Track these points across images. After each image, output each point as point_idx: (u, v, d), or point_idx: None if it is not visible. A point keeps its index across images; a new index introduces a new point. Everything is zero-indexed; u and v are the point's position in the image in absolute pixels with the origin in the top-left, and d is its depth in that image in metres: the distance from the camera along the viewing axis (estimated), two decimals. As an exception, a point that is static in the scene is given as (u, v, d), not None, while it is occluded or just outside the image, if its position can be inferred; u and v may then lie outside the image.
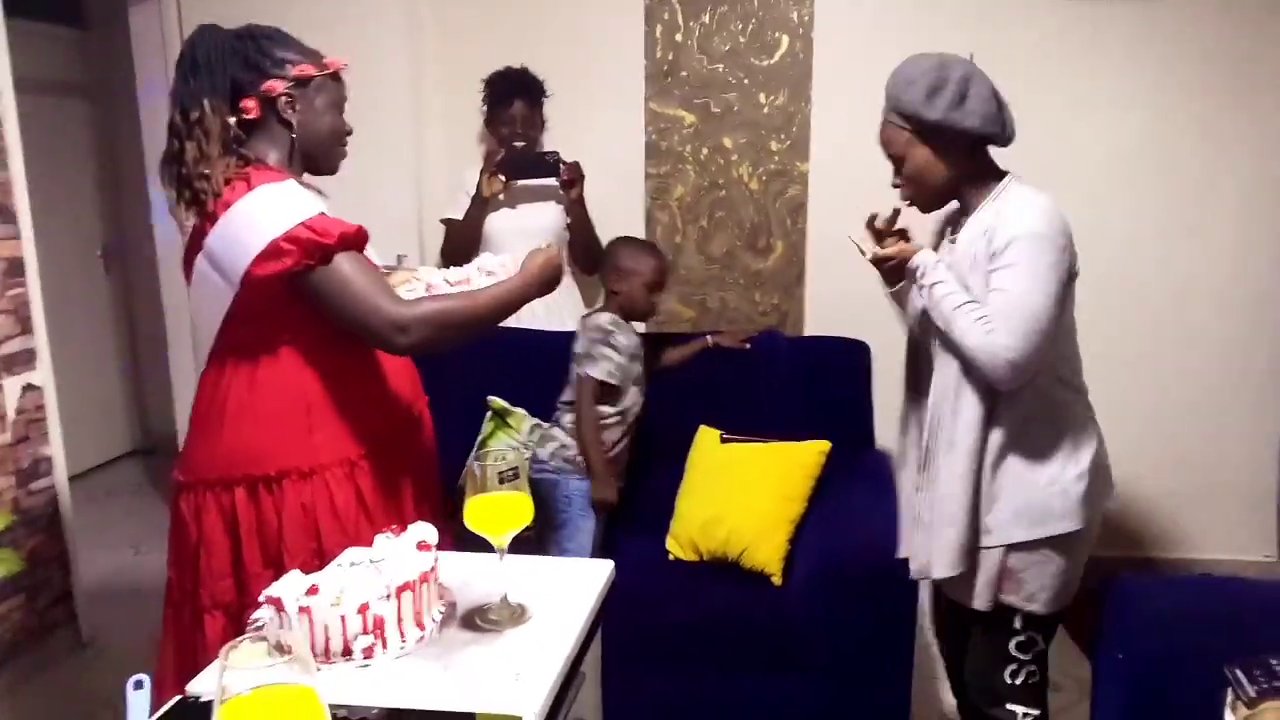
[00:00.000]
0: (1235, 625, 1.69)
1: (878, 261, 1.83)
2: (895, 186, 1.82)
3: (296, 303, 1.59)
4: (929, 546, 1.80)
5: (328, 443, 1.64)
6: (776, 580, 2.29)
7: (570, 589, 1.44)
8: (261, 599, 1.27)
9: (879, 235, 1.89)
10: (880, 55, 3.09)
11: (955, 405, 1.74)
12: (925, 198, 1.80)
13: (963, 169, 1.76)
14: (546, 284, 1.73)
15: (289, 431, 1.62)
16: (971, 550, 1.77)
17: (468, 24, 3.32)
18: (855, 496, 2.36)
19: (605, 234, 2.99)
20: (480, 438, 2.52)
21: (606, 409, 2.49)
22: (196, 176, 1.57)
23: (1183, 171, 3.15)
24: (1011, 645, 1.84)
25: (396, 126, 3.23)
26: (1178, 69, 3.10)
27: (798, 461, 2.40)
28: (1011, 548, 1.76)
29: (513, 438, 2.49)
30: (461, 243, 2.87)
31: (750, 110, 3.24)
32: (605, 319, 2.52)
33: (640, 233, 3.34)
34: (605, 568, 1.52)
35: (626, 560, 2.40)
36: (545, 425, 2.54)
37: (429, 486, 1.85)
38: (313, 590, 1.26)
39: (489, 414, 2.55)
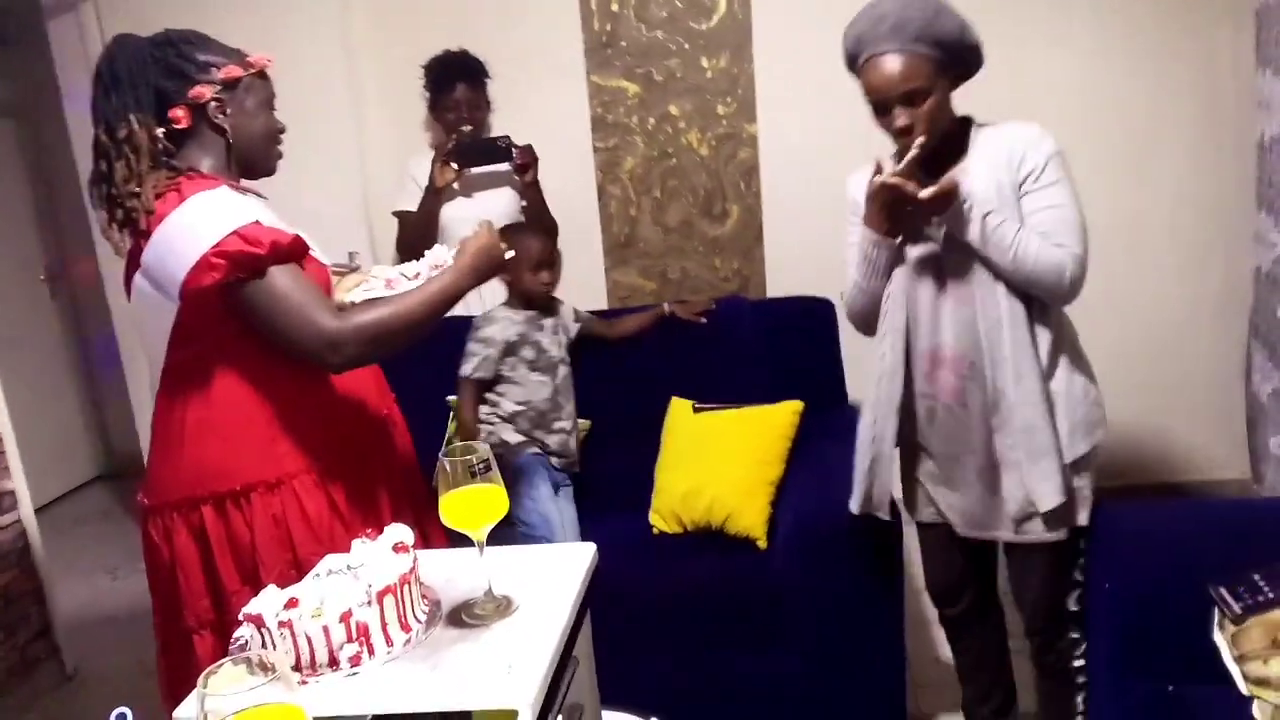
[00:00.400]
0: (1217, 545, 1.71)
1: (931, 200, 1.64)
2: (902, 132, 1.69)
3: (233, 316, 1.53)
4: (1025, 484, 1.77)
5: (292, 451, 1.60)
6: (761, 544, 2.29)
7: (554, 576, 1.42)
8: (241, 617, 1.24)
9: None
10: (819, 8, 3.10)
11: (1012, 334, 1.73)
12: (935, 136, 1.69)
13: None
14: (482, 271, 1.66)
15: (251, 444, 1.58)
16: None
17: (398, 6, 3.24)
18: (832, 453, 2.35)
19: (560, 214, 2.96)
20: (446, 436, 2.49)
21: (506, 402, 2.46)
22: (127, 196, 1.50)
23: (1127, 104, 3.15)
24: (1076, 569, 1.88)
25: (334, 119, 3.16)
26: (1120, 1, 3.10)
27: (772, 424, 2.40)
28: (1074, 465, 1.78)
29: None
30: (417, 234, 2.82)
31: (694, 75, 3.20)
32: (481, 314, 2.51)
33: (593, 209, 3.31)
34: (588, 551, 1.50)
35: (610, 537, 2.38)
36: None
37: (410, 488, 1.81)
38: (292, 603, 1.23)
39: (451, 413, 2.52)
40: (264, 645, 1.22)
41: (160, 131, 1.55)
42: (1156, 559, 1.73)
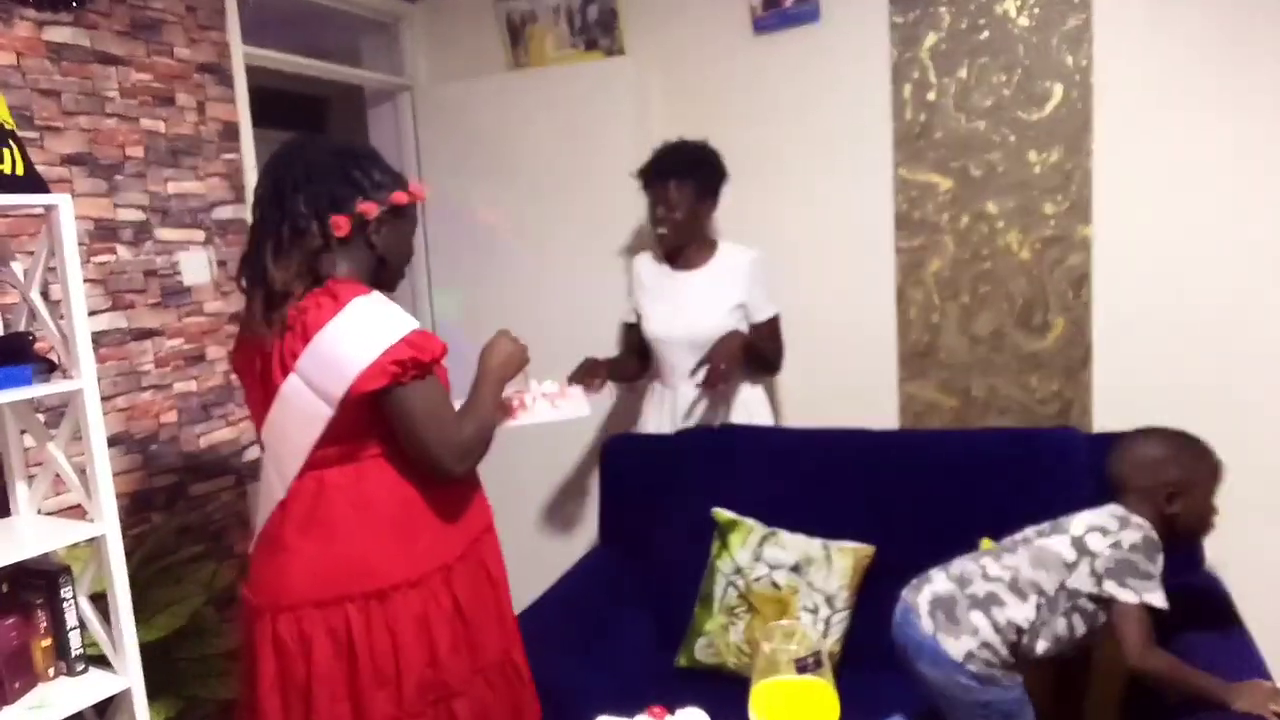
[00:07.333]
0: None
1: None
2: None
3: (380, 417, 1.57)
4: None
5: (430, 549, 1.62)
6: None
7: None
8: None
9: None
10: (1174, 99, 2.66)
11: None
12: None
13: None
14: (500, 371, 1.74)
15: (398, 541, 1.60)
16: None
17: (693, 95, 3.12)
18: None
19: (850, 318, 2.68)
20: (710, 559, 2.25)
21: None
22: (283, 294, 1.55)
23: None
24: None
25: (619, 218, 3.06)
26: None
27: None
28: None
29: (734, 557, 2.20)
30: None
31: (1018, 170, 2.84)
32: None
33: (891, 312, 2.99)
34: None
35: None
36: (775, 531, 2.23)
37: (504, 588, 1.80)
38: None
39: (719, 541, 2.28)
40: None
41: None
42: None
